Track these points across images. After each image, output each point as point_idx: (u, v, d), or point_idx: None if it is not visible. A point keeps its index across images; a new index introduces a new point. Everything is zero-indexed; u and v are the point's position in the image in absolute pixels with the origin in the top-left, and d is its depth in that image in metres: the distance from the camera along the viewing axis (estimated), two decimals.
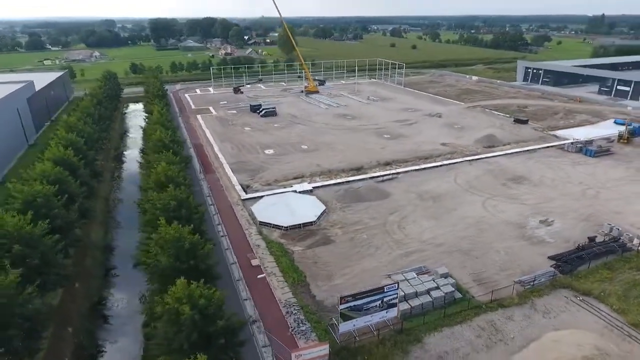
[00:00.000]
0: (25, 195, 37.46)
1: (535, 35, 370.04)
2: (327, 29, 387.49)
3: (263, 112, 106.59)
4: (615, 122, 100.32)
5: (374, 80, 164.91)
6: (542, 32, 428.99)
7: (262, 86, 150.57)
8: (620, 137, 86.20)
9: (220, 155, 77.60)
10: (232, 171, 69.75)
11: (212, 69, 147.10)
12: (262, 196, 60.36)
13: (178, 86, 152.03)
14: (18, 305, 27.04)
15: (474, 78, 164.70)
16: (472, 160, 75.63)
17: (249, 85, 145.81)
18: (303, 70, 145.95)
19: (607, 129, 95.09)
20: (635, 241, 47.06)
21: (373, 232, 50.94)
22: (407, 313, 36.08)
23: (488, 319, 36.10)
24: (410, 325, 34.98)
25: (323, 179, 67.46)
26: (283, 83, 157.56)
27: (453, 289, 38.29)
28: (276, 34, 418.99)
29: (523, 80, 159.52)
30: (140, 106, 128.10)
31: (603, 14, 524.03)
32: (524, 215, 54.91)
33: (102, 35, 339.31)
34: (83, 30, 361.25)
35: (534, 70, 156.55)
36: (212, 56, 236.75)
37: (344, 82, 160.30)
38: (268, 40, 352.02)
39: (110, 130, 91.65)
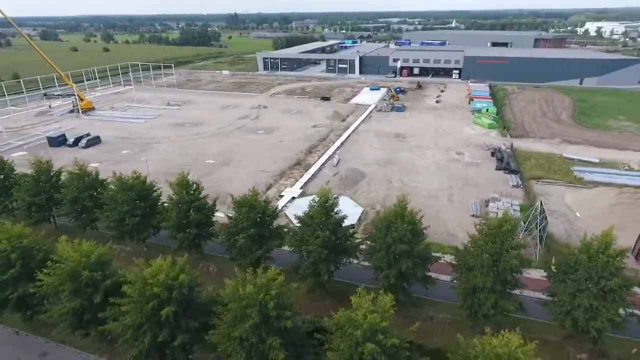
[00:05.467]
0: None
1: (210, 32, 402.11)
2: None
3: (85, 141, 79.25)
4: (370, 89, 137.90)
5: (130, 86, 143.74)
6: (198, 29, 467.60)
7: None
8: (392, 96, 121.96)
9: None
10: None
11: None
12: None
13: None
14: None
15: (226, 72, 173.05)
16: (353, 132, 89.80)
17: None
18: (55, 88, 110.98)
19: (373, 94, 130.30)
20: (502, 147, 76.51)
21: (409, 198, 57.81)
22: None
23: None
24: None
25: (288, 181, 64.66)
26: (13, 107, 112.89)
27: (518, 202, 53.81)
28: None
29: (264, 69, 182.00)
30: None
31: (235, 13, 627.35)
32: (441, 153, 75.48)
33: None
34: None
35: (272, 60, 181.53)
36: None
37: (100, 93, 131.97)
38: None
39: None
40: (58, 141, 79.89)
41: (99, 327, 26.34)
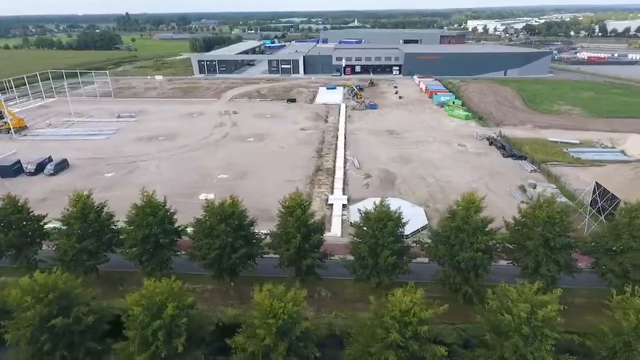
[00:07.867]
0: None
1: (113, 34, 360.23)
2: None
3: (52, 167, 65.56)
4: (327, 88, 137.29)
5: (53, 99, 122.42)
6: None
7: None
8: (355, 94, 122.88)
9: None
10: None
11: None
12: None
13: None
14: None
15: (160, 77, 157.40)
16: (347, 132, 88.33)
17: None
18: None
19: (333, 93, 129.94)
20: (494, 136, 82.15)
21: (447, 194, 58.86)
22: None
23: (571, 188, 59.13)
24: None
25: (322, 188, 61.39)
26: None
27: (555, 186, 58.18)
28: None
29: (200, 73, 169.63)
30: None
31: (127, 13, 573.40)
32: (445, 147, 78.30)
33: None
34: None
35: (208, 62, 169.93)
36: None
37: (20, 108, 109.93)
38: None
39: None
40: (13, 170, 64.67)
41: None
